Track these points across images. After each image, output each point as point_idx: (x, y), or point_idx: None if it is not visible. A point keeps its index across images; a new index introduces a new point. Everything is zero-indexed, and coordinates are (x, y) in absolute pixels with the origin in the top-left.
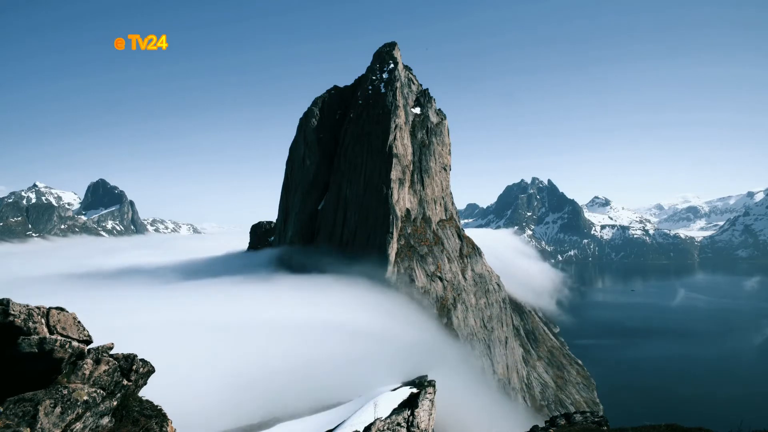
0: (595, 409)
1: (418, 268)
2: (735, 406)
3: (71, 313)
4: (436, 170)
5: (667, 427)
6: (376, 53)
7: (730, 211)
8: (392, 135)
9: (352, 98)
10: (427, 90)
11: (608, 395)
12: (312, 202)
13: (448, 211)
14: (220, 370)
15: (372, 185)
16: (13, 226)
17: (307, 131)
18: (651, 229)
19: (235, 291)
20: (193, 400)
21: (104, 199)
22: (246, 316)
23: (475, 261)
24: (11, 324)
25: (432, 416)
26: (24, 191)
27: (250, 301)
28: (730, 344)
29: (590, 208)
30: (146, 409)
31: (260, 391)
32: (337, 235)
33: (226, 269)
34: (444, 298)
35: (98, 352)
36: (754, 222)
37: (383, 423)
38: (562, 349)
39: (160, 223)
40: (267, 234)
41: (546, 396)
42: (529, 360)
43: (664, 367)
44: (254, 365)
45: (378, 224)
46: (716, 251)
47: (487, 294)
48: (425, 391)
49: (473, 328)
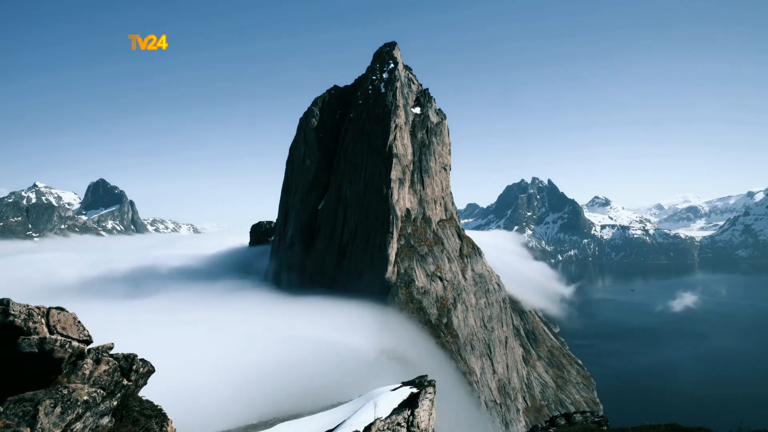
0: (595, 409)
1: (418, 268)
2: (735, 406)
3: (71, 313)
4: (436, 170)
5: (667, 427)
6: (376, 53)
7: (730, 211)
8: (392, 135)
9: (352, 98)
10: (427, 90)
11: (608, 395)
12: (312, 202)
13: (448, 211)
14: (220, 370)
15: (372, 185)
16: (13, 226)
17: (307, 131)
18: (651, 229)
19: (234, 297)
20: (193, 400)
21: (104, 198)
22: (246, 317)
23: (475, 261)
24: (11, 324)
25: (432, 416)
26: (24, 191)
27: (250, 306)
28: (730, 344)
29: (590, 208)
30: (146, 409)
31: (260, 391)
32: (337, 235)
33: (226, 270)
34: (444, 298)
35: (98, 352)
36: (755, 222)
37: (383, 423)
38: (562, 349)
39: (160, 222)
40: (267, 234)
41: (546, 396)
42: (529, 360)
43: (664, 367)
44: (254, 365)
45: (378, 224)
46: (716, 251)
47: (487, 294)
48: (425, 391)
49: (473, 328)
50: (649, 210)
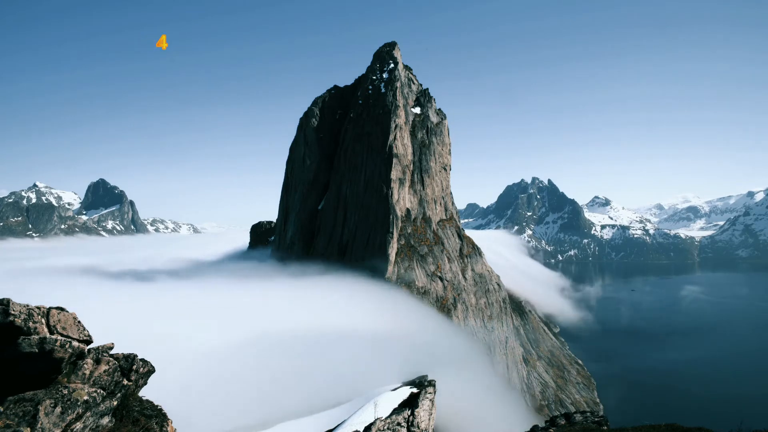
0: (595, 409)
1: (418, 267)
2: (735, 406)
3: (71, 312)
4: (436, 170)
5: (668, 427)
6: (376, 53)
7: (730, 210)
8: (392, 135)
9: (352, 98)
10: (427, 90)
11: (608, 395)
12: (312, 201)
13: (448, 211)
14: (220, 370)
15: (372, 185)
16: (14, 226)
17: (308, 131)
18: (651, 229)
19: (235, 290)
20: (193, 400)
21: (104, 199)
22: (246, 317)
23: (476, 261)
24: (11, 324)
25: (432, 416)
26: (24, 191)
27: (251, 301)
28: (730, 344)
29: (590, 207)
30: (146, 409)
31: (260, 391)
32: (337, 235)
33: (226, 268)
34: (444, 298)
35: (98, 352)
36: (755, 222)
37: (383, 423)
38: (562, 349)
39: (160, 222)
40: (267, 234)
41: (546, 396)
42: (529, 360)
43: (664, 367)
44: (254, 365)
45: (378, 224)
46: (716, 251)
47: (487, 294)
48: (425, 390)
49: (473, 328)
50: (649, 210)
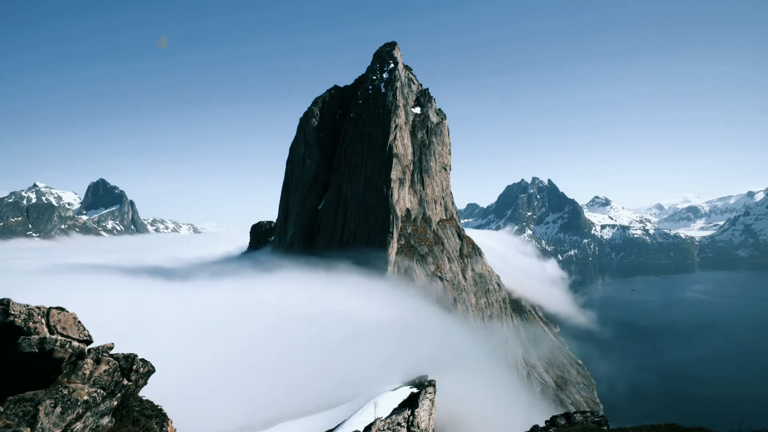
0: (596, 409)
1: (418, 267)
2: (735, 406)
3: (71, 312)
4: (436, 170)
5: (668, 427)
6: (376, 53)
7: (730, 210)
8: (392, 135)
9: (352, 98)
10: (427, 90)
11: (608, 395)
12: (312, 201)
13: (448, 211)
14: (220, 370)
15: (372, 185)
16: (14, 226)
17: (308, 131)
18: (651, 229)
19: (234, 291)
20: (193, 400)
21: (104, 198)
22: (246, 316)
23: (476, 261)
24: (11, 324)
25: (432, 416)
26: (24, 191)
27: (251, 298)
28: (730, 344)
29: (590, 207)
30: (146, 409)
31: (260, 390)
32: (337, 235)
33: (226, 268)
34: (444, 298)
35: (98, 352)
36: (755, 222)
37: (383, 423)
38: (562, 349)
39: (160, 222)
40: (267, 234)
41: (546, 396)
42: (529, 360)
43: (665, 367)
44: (254, 365)
45: (378, 224)
46: (716, 251)
47: (487, 294)
48: (425, 390)
49: (473, 328)
50: (649, 210)
